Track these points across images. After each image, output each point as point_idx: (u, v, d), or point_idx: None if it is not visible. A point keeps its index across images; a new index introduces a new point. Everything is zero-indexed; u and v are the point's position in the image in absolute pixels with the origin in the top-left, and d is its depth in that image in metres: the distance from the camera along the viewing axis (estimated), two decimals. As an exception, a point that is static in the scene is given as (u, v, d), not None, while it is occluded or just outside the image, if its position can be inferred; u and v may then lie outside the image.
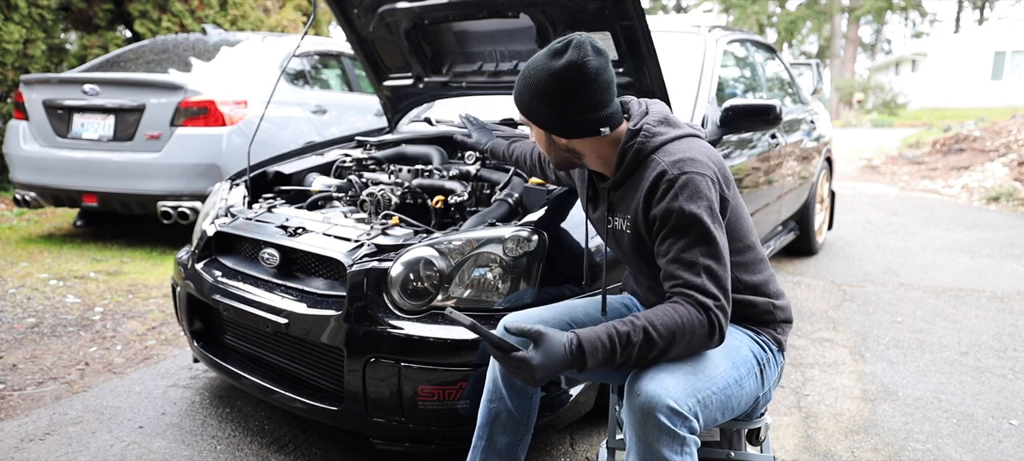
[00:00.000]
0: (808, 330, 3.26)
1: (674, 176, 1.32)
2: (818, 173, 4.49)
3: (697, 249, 1.30)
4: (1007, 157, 8.56)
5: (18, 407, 2.40)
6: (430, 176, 2.42)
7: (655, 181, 1.35)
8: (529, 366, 1.22)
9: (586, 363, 1.24)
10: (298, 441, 2.18)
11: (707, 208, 1.31)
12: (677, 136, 1.41)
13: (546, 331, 1.24)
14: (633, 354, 1.26)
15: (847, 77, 28.60)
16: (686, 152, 1.37)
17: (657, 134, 1.41)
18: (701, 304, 1.28)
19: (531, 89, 1.39)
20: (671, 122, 1.45)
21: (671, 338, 1.26)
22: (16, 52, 6.69)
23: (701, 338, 1.29)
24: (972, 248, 5.07)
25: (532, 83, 1.38)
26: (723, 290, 1.31)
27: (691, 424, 1.26)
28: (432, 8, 2.45)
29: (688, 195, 1.31)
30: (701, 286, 1.29)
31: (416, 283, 1.82)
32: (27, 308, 3.41)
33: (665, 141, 1.40)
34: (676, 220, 1.31)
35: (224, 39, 5.26)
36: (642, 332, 1.25)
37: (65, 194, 4.49)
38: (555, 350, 1.23)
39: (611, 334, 1.25)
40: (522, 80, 1.41)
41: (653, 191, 1.35)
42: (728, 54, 3.38)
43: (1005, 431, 2.30)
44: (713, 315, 1.28)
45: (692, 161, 1.35)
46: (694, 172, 1.33)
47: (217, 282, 2.14)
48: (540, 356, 1.22)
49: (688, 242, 1.31)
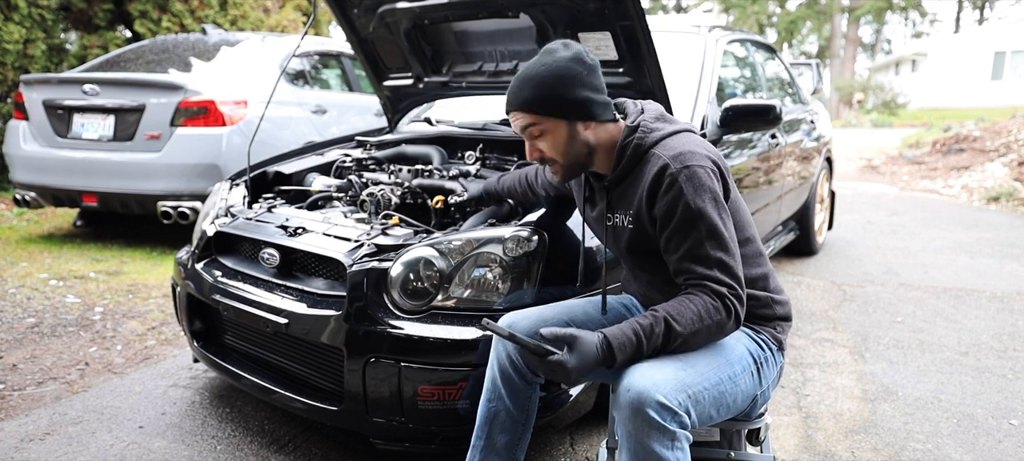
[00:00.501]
0: (808, 330, 3.26)
1: (677, 170, 1.35)
2: (818, 173, 4.49)
3: (706, 244, 1.33)
4: (1007, 157, 8.56)
5: (18, 407, 2.40)
6: (430, 176, 2.42)
7: (657, 176, 1.37)
8: (565, 368, 1.27)
9: (615, 360, 1.29)
10: (298, 441, 2.18)
11: (712, 200, 1.34)
12: (674, 131, 1.45)
13: (579, 334, 1.29)
14: (657, 345, 1.31)
15: (847, 77, 28.60)
16: (685, 146, 1.39)
17: (655, 130, 1.44)
18: (716, 292, 1.32)
19: (552, 78, 1.38)
20: (667, 118, 1.49)
21: (690, 326, 1.30)
22: (16, 52, 6.69)
23: (719, 323, 1.33)
24: (972, 248, 5.07)
25: (551, 73, 1.38)
26: (736, 278, 1.35)
27: (682, 419, 1.27)
28: (432, 8, 2.45)
29: (692, 189, 1.34)
30: (714, 276, 1.33)
31: (416, 283, 1.82)
32: (27, 308, 3.41)
33: (663, 136, 1.43)
34: (682, 215, 1.34)
35: (224, 39, 5.26)
36: (663, 323, 1.30)
37: (65, 194, 4.49)
38: (588, 351, 1.28)
39: (636, 329, 1.30)
40: (533, 78, 1.40)
41: (656, 186, 1.37)
42: (728, 54, 3.38)
43: (1005, 431, 2.30)
44: (728, 302, 1.32)
45: (692, 154, 1.37)
46: (695, 164, 1.35)
47: (217, 282, 2.14)
48: (575, 359, 1.27)
49: (697, 238, 1.33)
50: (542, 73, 1.40)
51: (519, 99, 1.43)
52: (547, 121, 1.43)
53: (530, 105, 1.42)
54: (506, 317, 1.61)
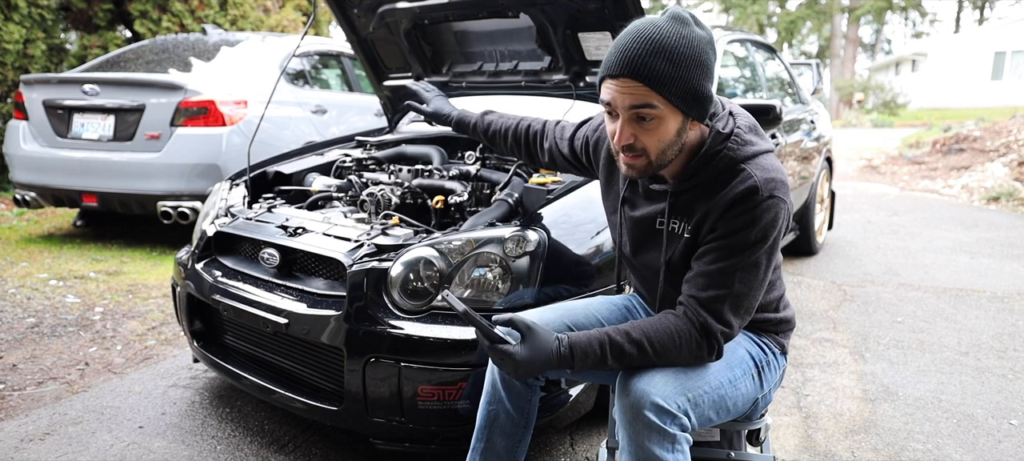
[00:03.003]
0: (808, 330, 3.26)
1: (765, 196, 1.23)
2: (818, 173, 4.49)
3: (738, 273, 1.26)
4: (1007, 157, 8.56)
5: (18, 407, 2.40)
6: (430, 176, 2.42)
7: (746, 195, 1.24)
8: (512, 359, 1.23)
9: (575, 366, 1.27)
10: (298, 441, 2.18)
11: (774, 238, 1.27)
12: (767, 150, 1.32)
13: (535, 327, 1.25)
14: (624, 363, 1.29)
15: (847, 77, 28.60)
16: (777, 172, 1.27)
17: (749, 143, 1.30)
18: (708, 330, 1.28)
19: (692, 61, 1.16)
20: (759, 132, 1.35)
21: (665, 355, 1.28)
22: (16, 52, 6.69)
23: (696, 358, 1.30)
24: (972, 248, 5.07)
25: (693, 55, 1.16)
26: (740, 319, 1.30)
27: (682, 422, 1.26)
28: (432, 8, 2.45)
29: (769, 220, 1.24)
30: (716, 311, 1.27)
31: (416, 283, 1.81)
32: (27, 308, 3.41)
33: (757, 152, 1.29)
34: (739, 238, 1.25)
35: (224, 39, 5.26)
36: (636, 346, 1.27)
37: (65, 194, 4.49)
38: (541, 348, 1.24)
39: (603, 342, 1.27)
40: (672, 51, 1.16)
41: (740, 203, 1.24)
42: (728, 54, 3.38)
43: (1005, 431, 2.30)
44: (715, 342, 1.29)
45: (783, 185, 1.26)
46: (782, 198, 1.25)
47: (217, 282, 2.14)
48: (524, 351, 1.23)
49: (734, 262, 1.26)
50: (682, 49, 1.16)
51: (651, 71, 1.16)
52: (667, 108, 1.20)
53: (660, 83, 1.17)
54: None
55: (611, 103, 1.23)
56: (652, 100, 1.19)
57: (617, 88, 1.20)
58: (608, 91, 1.23)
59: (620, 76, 1.19)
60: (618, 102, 1.21)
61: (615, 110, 1.24)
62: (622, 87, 1.19)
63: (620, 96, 1.20)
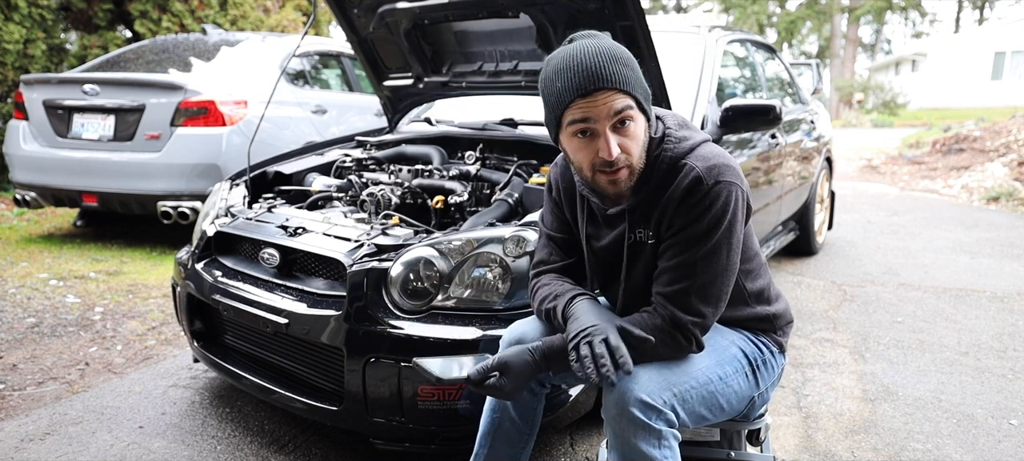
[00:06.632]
0: (808, 330, 3.26)
1: (711, 184, 1.27)
2: (818, 173, 4.49)
3: (699, 264, 1.29)
4: (1007, 157, 8.56)
5: (18, 407, 2.40)
6: (430, 176, 2.42)
7: (691, 186, 1.28)
8: (504, 391, 1.34)
9: (551, 367, 1.35)
10: (298, 441, 2.18)
11: (729, 221, 1.28)
12: (702, 140, 1.36)
13: (508, 358, 1.33)
14: None
15: (847, 77, 28.59)
16: (719, 158, 1.31)
17: (684, 138, 1.34)
18: (677, 322, 1.30)
19: (630, 58, 1.24)
20: (689, 126, 1.39)
21: (641, 349, 1.27)
22: (16, 52, 6.69)
23: (673, 351, 1.32)
24: (972, 248, 5.07)
25: (626, 53, 1.24)
26: (711, 306, 1.31)
27: (668, 417, 1.26)
28: (432, 8, 2.45)
29: (720, 206, 1.27)
30: (683, 304, 1.30)
31: (416, 283, 1.82)
32: (27, 308, 3.41)
33: (694, 145, 1.33)
34: (693, 229, 1.28)
35: (224, 39, 5.26)
36: None
37: (65, 194, 4.49)
38: (520, 369, 1.33)
39: None
40: (619, 55, 1.23)
41: (689, 196, 1.28)
42: (728, 54, 3.38)
43: (1005, 431, 2.30)
44: (689, 333, 1.31)
45: (727, 168, 1.29)
46: (729, 181, 1.28)
47: (217, 282, 2.14)
48: (510, 383, 1.33)
49: (692, 253, 1.29)
50: (625, 54, 1.23)
51: (619, 75, 1.21)
52: (637, 108, 1.26)
53: (628, 84, 1.22)
54: (512, 328, 1.57)
55: (588, 119, 1.23)
56: (629, 101, 1.23)
57: (593, 103, 1.22)
58: (581, 111, 1.23)
59: (592, 91, 1.21)
60: (599, 114, 1.22)
61: (594, 127, 1.24)
62: (599, 99, 1.21)
63: (600, 107, 1.22)
